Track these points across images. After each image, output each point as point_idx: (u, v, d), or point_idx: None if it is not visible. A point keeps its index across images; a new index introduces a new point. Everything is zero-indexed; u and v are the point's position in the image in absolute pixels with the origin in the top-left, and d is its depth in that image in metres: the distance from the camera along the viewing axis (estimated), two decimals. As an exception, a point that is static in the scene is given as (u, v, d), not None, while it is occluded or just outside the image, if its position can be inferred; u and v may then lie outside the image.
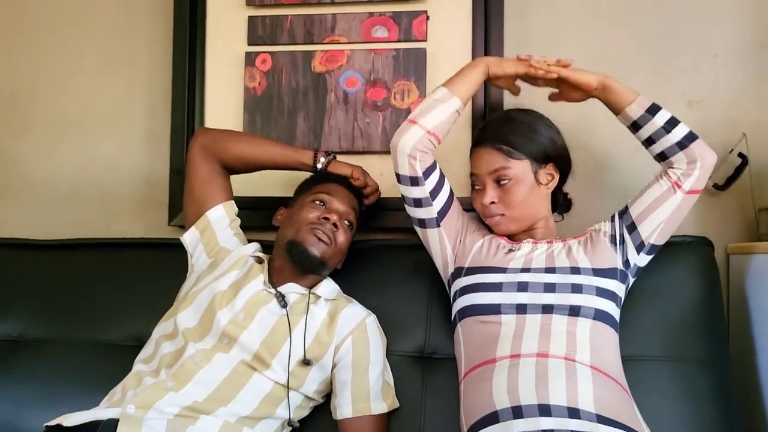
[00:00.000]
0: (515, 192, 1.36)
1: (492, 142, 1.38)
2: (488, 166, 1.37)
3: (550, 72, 1.36)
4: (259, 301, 1.35)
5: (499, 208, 1.38)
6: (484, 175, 1.38)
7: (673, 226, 1.35)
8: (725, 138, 1.64)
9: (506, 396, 1.15)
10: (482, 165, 1.39)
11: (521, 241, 1.41)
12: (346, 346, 1.37)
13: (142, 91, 1.88)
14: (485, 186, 1.39)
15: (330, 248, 1.40)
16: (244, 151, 1.49)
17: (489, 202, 1.38)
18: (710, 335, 1.41)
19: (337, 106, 1.74)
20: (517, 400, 1.14)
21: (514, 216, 1.39)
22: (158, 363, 1.31)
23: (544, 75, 1.36)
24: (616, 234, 1.36)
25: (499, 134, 1.38)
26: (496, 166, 1.36)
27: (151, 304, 1.55)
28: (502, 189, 1.37)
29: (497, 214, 1.39)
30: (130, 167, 1.87)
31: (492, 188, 1.38)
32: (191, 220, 1.50)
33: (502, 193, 1.37)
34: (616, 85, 1.36)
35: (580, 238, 1.40)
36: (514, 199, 1.37)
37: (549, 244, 1.39)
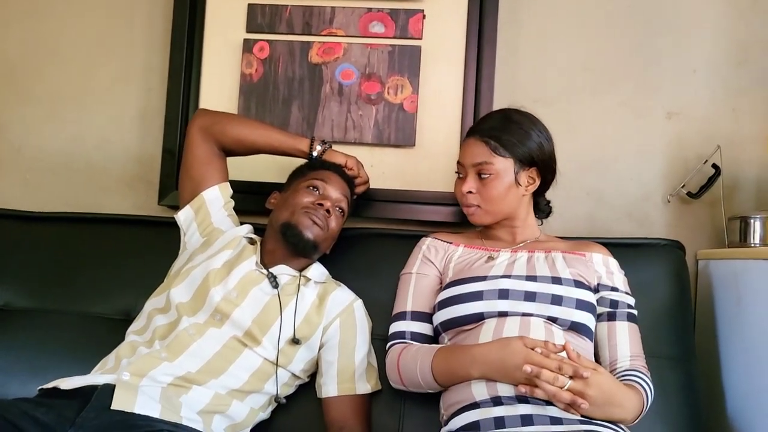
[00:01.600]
0: (493, 187, 1.41)
1: (482, 135, 1.42)
2: (473, 158, 1.42)
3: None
4: (252, 281, 1.37)
5: (475, 198, 1.43)
6: (468, 165, 1.43)
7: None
8: (700, 149, 1.72)
9: (485, 388, 1.20)
10: (468, 155, 1.44)
11: (500, 249, 1.44)
12: (334, 328, 1.40)
13: (139, 71, 1.89)
14: (467, 175, 1.44)
15: (323, 232, 1.43)
16: (242, 134, 1.51)
17: (467, 191, 1.43)
18: (679, 333, 1.48)
19: (331, 97, 1.77)
20: (495, 391, 1.19)
21: (488, 209, 1.43)
22: (152, 334, 1.33)
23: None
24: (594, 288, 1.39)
25: (491, 129, 1.42)
26: (480, 159, 1.41)
27: (139, 279, 1.56)
28: (482, 182, 1.42)
29: (473, 204, 1.44)
30: (123, 145, 1.88)
31: (473, 179, 1.43)
32: (186, 199, 1.51)
33: (481, 186, 1.42)
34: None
35: (567, 254, 1.40)
36: (490, 194, 1.42)
37: (530, 252, 1.41)
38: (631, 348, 1.33)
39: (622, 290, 1.39)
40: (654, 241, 1.59)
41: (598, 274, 1.40)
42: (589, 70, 1.77)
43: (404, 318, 1.41)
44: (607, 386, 1.15)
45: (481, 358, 1.21)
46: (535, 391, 1.14)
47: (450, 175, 1.72)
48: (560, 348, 1.18)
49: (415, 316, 1.41)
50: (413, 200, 1.74)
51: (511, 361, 1.17)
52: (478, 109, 1.72)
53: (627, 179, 1.76)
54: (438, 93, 1.76)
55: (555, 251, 1.42)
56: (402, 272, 1.50)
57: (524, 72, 1.79)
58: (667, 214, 1.74)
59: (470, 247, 1.48)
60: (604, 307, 1.37)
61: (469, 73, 1.74)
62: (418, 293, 1.43)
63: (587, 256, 1.42)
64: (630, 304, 1.38)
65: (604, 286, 1.39)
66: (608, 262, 1.42)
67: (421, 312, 1.41)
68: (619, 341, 1.33)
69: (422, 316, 1.41)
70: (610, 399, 1.15)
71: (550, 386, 1.12)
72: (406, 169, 1.76)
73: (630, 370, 1.29)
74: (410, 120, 1.75)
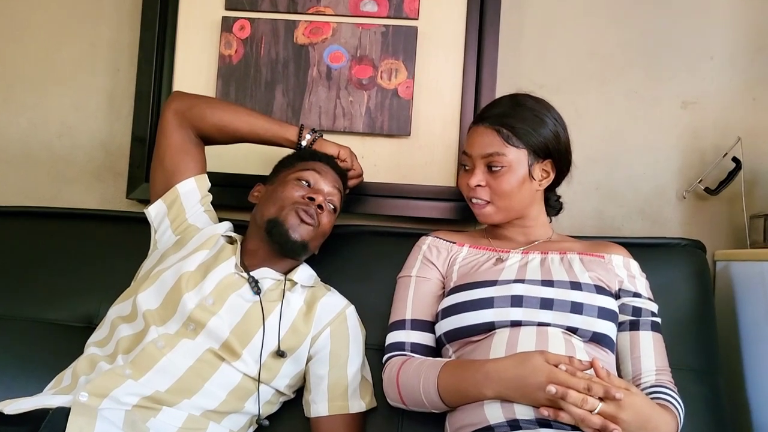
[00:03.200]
0: (505, 180, 1.27)
1: (492, 122, 1.28)
2: (483, 148, 1.28)
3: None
4: (230, 286, 1.25)
5: (485, 193, 1.30)
6: (476, 157, 1.29)
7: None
8: (718, 141, 1.63)
9: (500, 410, 1.07)
10: (477, 145, 1.29)
11: (509, 250, 1.31)
12: (323, 338, 1.28)
13: (105, 50, 1.77)
14: (475, 167, 1.30)
15: (313, 230, 1.31)
16: (223, 119, 1.38)
17: (476, 184, 1.29)
18: (702, 342, 1.36)
19: (319, 82, 1.65)
20: (512, 413, 1.05)
21: (499, 205, 1.30)
22: (114, 347, 1.19)
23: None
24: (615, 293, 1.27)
25: (502, 115, 1.28)
26: (491, 149, 1.27)
27: (104, 282, 1.45)
28: (492, 174, 1.28)
29: (482, 199, 1.30)
30: (87, 132, 1.76)
31: (482, 171, 1.29)
32: (158, 192, 1.38)
33: (492, 179, 1.28)
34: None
35: (585, 256, 1.29)
36: (502, 188, 1.28)
37: (544, 254, 1.29)
38: (657, 361, 1.21)
39: (645, 296, 1.27)
40: (672, 241, 1.48)
41: (619, 278, 1.28)
42: (598, 55, 1.68)
43: (403, 327, 1.28)
44: (642, 409, 1.02)
45: (497, 376, 1.07)
46: (559, 414, 1.01)
47: (449, 167, 1.64)
48: (587, 365, 1.05)
49: (416, 325, 1.27)
50: (408, 195, 1.64)
51: (532, 380, 1.03)
52: (479, 96, 1.63)
53: (639, 174, 1.67)
54: (436, 78, 1.65)
55: (571, 252, 1.29)
56: (399, 275, 1.37)
57: (528, 56, 1.69)
58: (682, 211, 1.65)
59: (476, 247, 1.35)
60: (626, 315, 1.25)
61: (469, 56, 1.64)
62: (419, 299, 1.29)
63: (606, 258, 1.30)
64: (654, 312, 1.27)
65: (625, 291, 1.27)
66: (629, 265, 1.30)
67: (422, 320, 1.28)
68: (643, 353, 1.21)
69: (423, 325, 1.28)
70: (645, 423, 1.02)
71: (577, 409, 0.99)
72: (400, 160, 1.66)
73: (657, 386, 1.17)
74: (405, 107, 1.64)
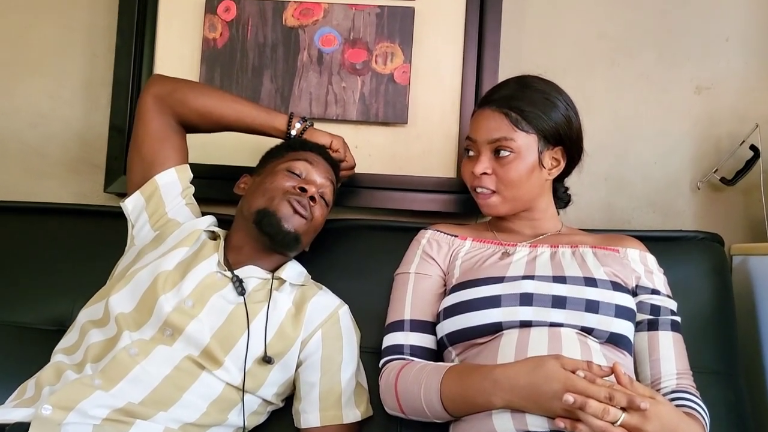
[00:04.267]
0: (513, 168, 1.18)
1: (500, 105, 1.18)
2: (490, 133, 1.18)
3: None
4: (212, 286, 1.15)
5: (491, 181, 1.20)
6: (482, 142, 1.19)
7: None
8: (735, 128, 1.55)
9: (510, 422, 0.97)
10: (483, 129, 1.19)
11: (516, 244, 1.22)
12: (314, 342, 1.18)
13: (81, 34, 1.67)
14: (480, 153, 1.20)
15: (306, 223, 1.22)
16: (207, 105, 1.29)
17: (481, 171, 1.19)
18: (723, 343, 1.28)
19: (309, 67, 1.56)
20: (523, 425, 0.96)
21: (506, 195, 1.20)
22: (83, 355, 1.09)
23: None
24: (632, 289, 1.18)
25: (510, 98, 1.18)
26: (499, 134, 1.17)
27: (79, 282, 1.35)
28: (499, 161, 1.18)
29: (488, 189, 1.20)
30: (63, 122, 1.67)
31: (488, 158, 1.19)
32: (136, 184, 1.29)
33: (498, 166, 1.19)
34: None
35: (598, 250, 1.20)
36: (510, 176, 1.18)
37: (553, 248, 1.20)
38: (677, 364, 1.12)
39: (663, 293, 1.18)
40: (689, 235, 1.39)
41: (636, 273, 1.19)
42: (607, 36, 1.60)
43: (401, 328, 1.18)
44: (669, 419, 0.93)
45: (507, 383, 0.97)
46: (577, 426, 0.91)
47: (448, 156, 1.56)
48: (607, 371, 0.95)
49: (415, 326, 1.18)
50: (405, 187, 1.55)
51: (546, 388, 0.94)
52: (480, 81, 1.54)
53: (650, 163, 1.58)
54: (434, 62, 1.57)
55: (583, 246, 1.20)
56: (397, 272, 1.27)
57: (532, 38, 1.61)
58: (696, 202, 1.57)
59: (480, 240, 1.25)
60: (643, 313, 1.16)
61: (469, 39, 1.56)
62: (418, 298, 1.20)
63: (621, 252, 1.21)
64: (673, 310, 1.17)
65: (643, 288, 1.18)
66: (647, 260, 1.21)
67: (422, 321, 1.18)
68: (663, 355, 1.12)
69: (423, 325, 1.18)
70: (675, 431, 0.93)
71: (598, 421, 0.90)
72: (396, 150, 1.57)
73: (679, 391, 1.08)
74: (402, 93, 1.54)
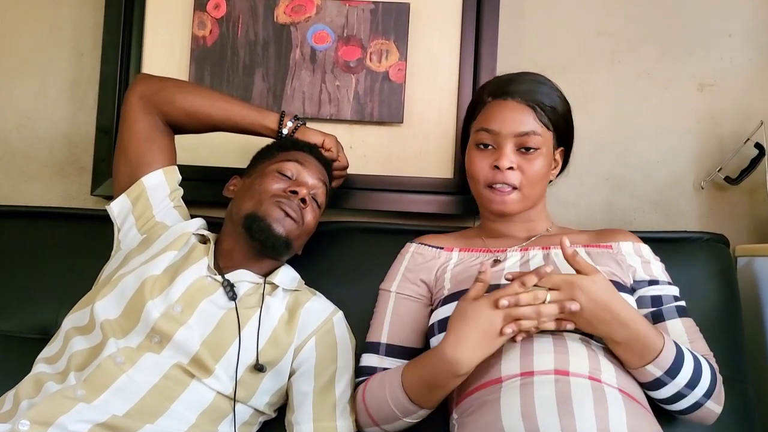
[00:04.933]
0: (538, 164, 1.14)
1: (524, 98, 1.14)
2: (516, 126, 1.13)
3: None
4: (201, 291, 1.11)
5: (515, 177, 1.14)
6: (507, 135, 1.13)
7: None
8: (739, 126, 1.52)
9: (520, 422, 0.92)
10: (508, 121, 1.14)
11: (506, 249, 1.18)
12: (308, 349, 1.14)
13: (68, 32, 1.62)
14: (502, 147, 1.14)
15: (297, 227, 1.18)
16: (195, 104, 1.26)
17: (508, 165, 1.13)
18: (730, 347, 1.23)
19: (302, 65, 1.53)
20: (535, 428, 0.91)
21: (526, 193, 1.16)
22: (66, 363, 1.05)
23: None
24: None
25: (533, 91, 1.15)
26: (527, 128, 1.13)
27: (64, 287, 1.32)
28: (524, 156, 1.14)
29: (510, 184, 1.15)
30: (48, 123, 1.62)
31: (513, 152, 1.14)
32: (122, 186, 1.25)
33: (524, 161, 1.14)
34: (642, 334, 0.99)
35: (592, 248, 1.16)
36: (534, 172, 1.14)
37: (545, 249, 1.16)
38: (695, 347, 1.08)
39: (663, 281, 1.14)
40: (693, 236, 1.35)
41: (633, 268, 1.15)
42: (607, 33, 1.56)
43: (377, 351, 1.15)
44: (600, 293, 0.95)
45: (461, 347, 0.96)
46: (521, 324, 0.95)
47: (445, 156, 1.52)
48: (507, 275, 0.99)
49: (390, 351, 1.15)
50: (401, 188, 1.52)
51: (493, 329, 0.95)
52: (477, 79, 1.51)
53: (652, 162, 1.55)
54: (430, 59, 1.54)
55: (576, 245, 1.16)
56: (381, 286, 1.24)
57: (531, 35, 1.57)
58: (699, 202, 1.54)
59: (468, 250, 1.21)
60: (645, 307, 1.12)
61: (466, 35, 1.53)
62: (397, 321, 1.17)
63: (615, 248, 1.17)
64: (676, 296, 1.14)
65: (640, 282, 1.14)
66: (641, 250, 1.18)
67: (398, 346, 1.15)
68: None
69: (399, 351, 1.15)
70: (606, 307, 0.96)
71: (530, 309, 0.94)
72: (392, 150, 1.54)
73: None
74: (397, 92, 1.51)
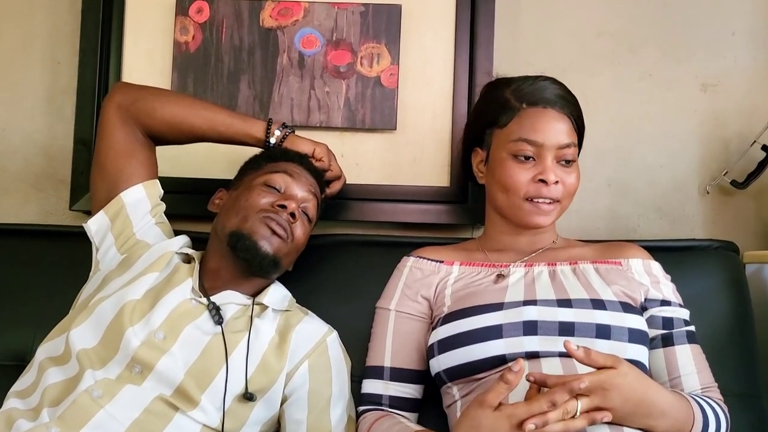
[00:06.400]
0: (576, 177, 1.12)
1: (561, 106, 1.09)
2: (560, 137, 1.08)
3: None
4: (185, 315, 1.06)
5: (559, 191, 1.10)
6: (550, 147, 1.08)
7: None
8: (745, 127, 1.48)
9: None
10: (552, 132, 1.08)
11: (509, 264, 1.12)
12: (300, 374, 1.09)
13: (42, 39, 1.57)
14: (545, 159, 1.08)
15: (286, 244, 1.13)
16: (175, 114, 1.20)
17: (555, 180, 1.08)
18: (743, 361, 1.20)
19: (290, 71, 1.49)
20: None
21: (564, 205, 1.13)
22: (40, 398, 0.98)
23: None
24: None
25: (565, 99, 1.10)
26: (569, 140, 1.09)
27: (40, 310, 1.26)
28: (564, 169, 1.10)
29: (551, 199, 1.10)
30: (23, 135, 1.57)
31: (554, 165, 1.09)
32: (100, 203, 1.19)
33: (565, 174, 1.10)
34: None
35: (600, 264, 1.11)
36: (573, 185, 1.12)
37: (551, 266, 1.10)
38: (701, 378, 1.04)
39: (674, 302, 1.10)
40: (702, 244, 1.31)
41: (644, 286, 1.09)
42: (607, 33, 1.52)
43: (381, 376, 1.10)
44: (631, 389, 0.88)
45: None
46: None
47: (441, 163, 1.48)
48: (540, 377, 0.89)
49: (395, 375, 1.10)
50: (396, 197, 1.47)
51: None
52: (473, 83, 1.47)
53: (655, 167, 1.51)
54: (423, 63, 1.50)
55: (583, 261, 1.11)
56: (378, 303, 1.18)
57: (528, 36, 1.53)
58: (705, 208, 1.50)
59: (469, 264, 1.15)
60: (656, 329, 1.07)
61: (461, 37, 1.49)
62: (399, 342, 1.11)
63: (624, 265, 1.11)
64: (686, 320, 1.09)
65: (652, 301, 1.09)
66: (651, 268, 1.12)
67: (404, 369, 1.10)
68: (684, 372, 1.04)
69: (405, 374, 1.10)
70: (640, 401, 0.89)
71: (559, 425, 0.84)
72: (386, 158, 1.49)
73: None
74: (389, 97, 1.47)
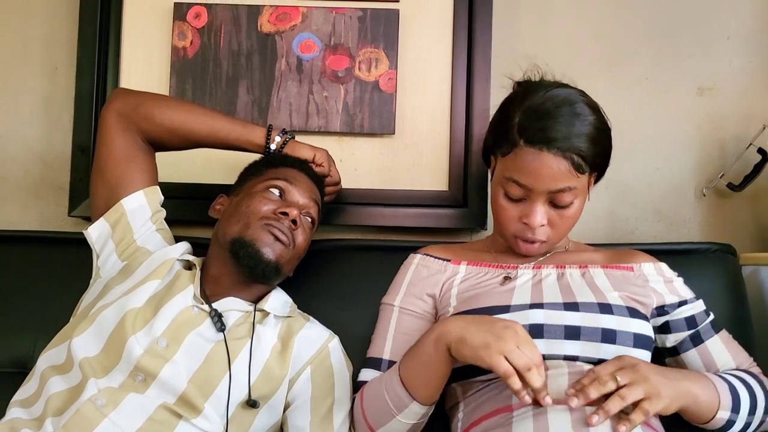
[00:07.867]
0: (572, 216, 1.06)
1: (560, 147, 1.00)
2: (552, 183, 1.02)
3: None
4: (187, 322, 1.05)
5: (544, 233, 1.07)
6: (540, 191, 1.03)
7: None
8: (741, 130, 1.48)
9: (531, 426, 0.88)
10: (544, 178, 1.01)
11: (517, 265, 1.12)
12: (303, 381, 1.09)
13: (40, 46, 1.57)
14: (534, 202, 1.04)
15: (288, 251, 1.13)
16: (175, 120, 1.20)
17: (540, 224, 1.05)
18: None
19: (288, 76, 1.48)
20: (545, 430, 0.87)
21: (554, 242, 1.10)
22: (43, 408, 0.98)
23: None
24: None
25: (569, 136, 1.01)
26: (563, 184, 1.02)
27: (41, 317, 1.26)
28: (557, 211, 1.05)
29: (539, 240, 1.08)
30: (21, 142, 1.56)
31: (544, 208, 1.05)
32: (100, 210, 1.19)
33: (557, 217, 1.06)
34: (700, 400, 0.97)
35: (610, 270, 1.10)
36: (567, 225, 1.08)
37: (560, 268, 1.10)
38: (737, 360, 1.08)
39: (690, 298, 1.11)
40: (701, 247, 1.30)
41: (658, 293, 1.10)
42: (604, 37, 1.52)
43: (378, 367, 1.10)
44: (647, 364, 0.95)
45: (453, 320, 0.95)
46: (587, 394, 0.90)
47: (439, 168, 1.48)
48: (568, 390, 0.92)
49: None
50: (395, 202, 1.47)
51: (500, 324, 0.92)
52: (471, 87, 1.47)
53: (653, 169, 1.51)
54: (422, 67, 1.50)
55: (593, 266, 1.11)
56: (383, 299, 1.18)
57: (526, 40, 1.53)
58: (702, 210, 1.50)
59: (476, 264, 1.15)
60: (680, 331, 1.09)
61: (459, 42, 1.49)
62: (401, 337, 1.11)
63: (636, 270, 1.12)
64: (706, 310, 1.11)
65: (670, 305, 1.09)
66: (662, 270, 1.13)
67: None
68: (720, 362, 1.08)
69: None
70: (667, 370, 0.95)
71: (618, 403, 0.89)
72: (384, 163, 1.49)
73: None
74: (388, 102, 1.46)
